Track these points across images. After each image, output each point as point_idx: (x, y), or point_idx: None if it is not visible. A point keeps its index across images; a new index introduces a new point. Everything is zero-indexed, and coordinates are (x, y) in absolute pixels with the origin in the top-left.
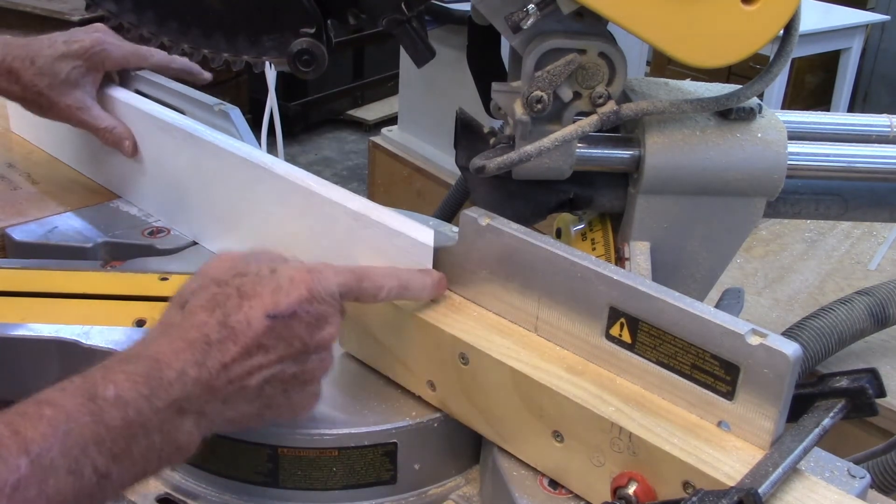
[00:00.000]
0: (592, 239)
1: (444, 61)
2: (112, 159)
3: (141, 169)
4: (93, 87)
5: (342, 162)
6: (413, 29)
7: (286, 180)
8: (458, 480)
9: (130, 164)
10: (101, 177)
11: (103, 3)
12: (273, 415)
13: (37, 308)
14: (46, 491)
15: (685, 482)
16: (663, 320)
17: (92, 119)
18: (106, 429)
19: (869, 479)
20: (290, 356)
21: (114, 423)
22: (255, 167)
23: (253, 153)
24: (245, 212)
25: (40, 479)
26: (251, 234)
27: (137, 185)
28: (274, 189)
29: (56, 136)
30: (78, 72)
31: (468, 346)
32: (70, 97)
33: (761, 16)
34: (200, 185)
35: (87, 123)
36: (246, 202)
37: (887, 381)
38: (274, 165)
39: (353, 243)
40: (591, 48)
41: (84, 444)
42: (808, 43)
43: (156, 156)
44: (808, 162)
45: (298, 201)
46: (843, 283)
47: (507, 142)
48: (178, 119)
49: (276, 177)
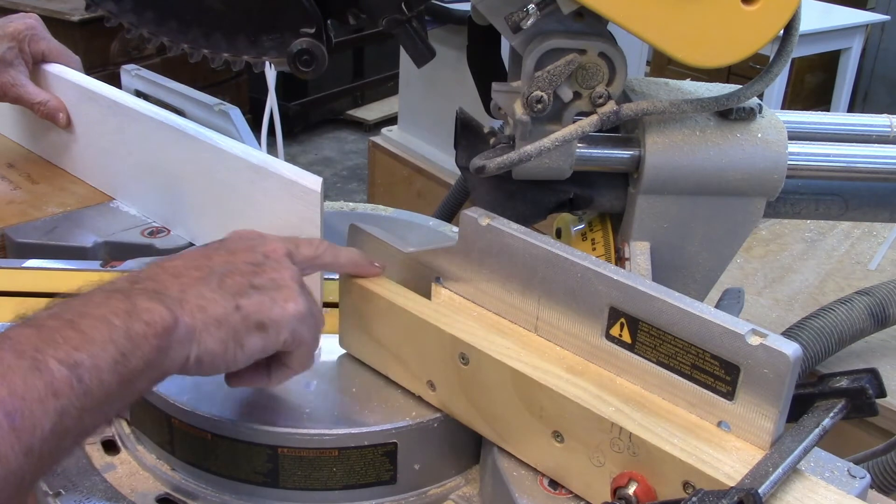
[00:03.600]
0: (592, 239)
1: (444, 61)
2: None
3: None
4: (25, 66)
5: (342, 162)
6: (413, 29)
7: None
8: (458, 480)
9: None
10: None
11: (103, 3)
12: (254, 307)
13: (37, 308)
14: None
15: (685, 482)
16: (663, 320)
17: (27, 94)
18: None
19: (869, 479)
20: (239, 259)
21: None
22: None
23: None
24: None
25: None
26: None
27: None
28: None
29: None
30: (12, 52)
31: (468, 346)
32: (6, 75)
33: (761, 16)
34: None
35: (21, 99)
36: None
37: (887, 381)
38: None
39: (253, 194)
40: (591, 48)
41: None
42: (808, 43)
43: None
44: (808, 162)
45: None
46: (843, 283)
47: (507, 142)
48: (103, 88)
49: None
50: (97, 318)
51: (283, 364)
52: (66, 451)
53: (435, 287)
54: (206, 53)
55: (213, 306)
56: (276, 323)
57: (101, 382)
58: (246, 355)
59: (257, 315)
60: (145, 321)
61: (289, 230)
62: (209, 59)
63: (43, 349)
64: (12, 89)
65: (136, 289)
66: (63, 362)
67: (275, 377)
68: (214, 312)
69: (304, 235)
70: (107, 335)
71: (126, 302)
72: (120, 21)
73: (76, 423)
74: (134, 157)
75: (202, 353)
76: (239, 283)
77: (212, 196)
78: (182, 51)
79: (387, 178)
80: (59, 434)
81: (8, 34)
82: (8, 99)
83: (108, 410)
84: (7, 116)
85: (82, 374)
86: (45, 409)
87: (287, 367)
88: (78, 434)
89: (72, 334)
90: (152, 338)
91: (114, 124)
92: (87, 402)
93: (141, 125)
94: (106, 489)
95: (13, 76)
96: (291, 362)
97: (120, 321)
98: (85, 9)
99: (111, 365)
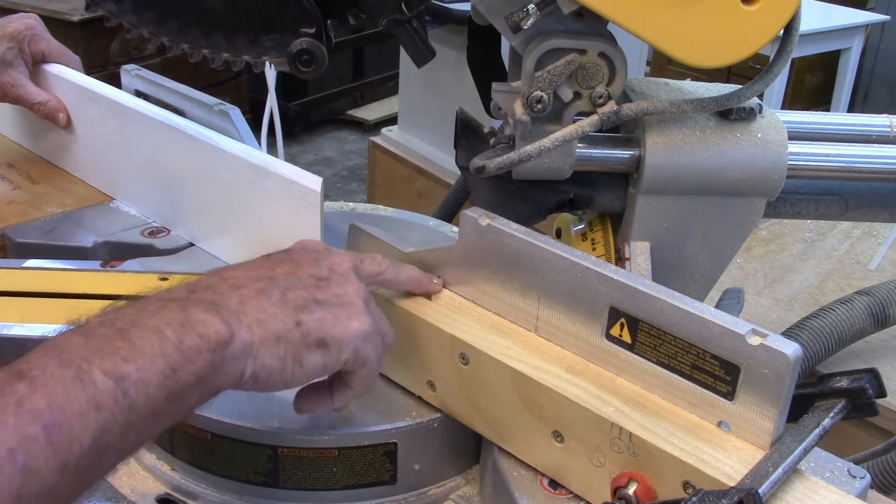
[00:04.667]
0: (592, 239)
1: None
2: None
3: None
4: (25, 67)
5: (342, 162)
6: (413, 29)
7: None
8: (458, 480)
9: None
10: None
11: (103, 3)
12: (315, 324)
13: (37, 308)
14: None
15: (685, 482)
16: (663, 320)
17: (27, 95)
18: (94, 329)
19: (869, 479)
20: (304, 273)
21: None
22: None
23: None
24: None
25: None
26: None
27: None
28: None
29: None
30: (11, 52)
31: (468, 346)
32: (6, 75)
33: (761, 16)
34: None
35: (22, 99)
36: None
37: (887, 381)
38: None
39: (254, 194)
40: (592, 48)
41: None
42: (808, 43)
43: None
44: (808, 162)
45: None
46: (843, 283)
47: (507, 142)
48: (103, 88)
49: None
50: (149, 328)
51: (344, 384)
52: (106, 468)
53: None
54: (206, 53)
55: (272, 321)
56: (338, 341)
57: (147, 397)
58: (305, 373)
59: (319, 332)
60: (199, 334)
61: (289, 230)
62: (209, 59)
63: (90, 359)
64: (12, 89)
65: (192, 298)
66: (109, 374)
67: (337, 398)
68: (274, 327)
69: (304, 236)
70: (157, 347)
71: (181, 313)
72: (120, 21)
73: (119, 439)
74: (134, 157)
75: (258, 370)
76: (302, 297)
77: (212, 196)
78: (182, 51)
79: (387, 178)
80: (100, 450)
81: (7, 34)
82: (8, 99)
83: (155, 427)
84: (7, 116)
85: (128, 388)
86: (86, 422)
87: (349, 388)
88: (121, 451)
89: (121, 344)
90: (206, 352)
91: (114, 124)
92: (131, 418)
93: (141, 125)
94: (106, 489)
95: (13, 76)
96: (353, 382)
97: (172, 332)
98: (85, 9)
99: (160, 379)
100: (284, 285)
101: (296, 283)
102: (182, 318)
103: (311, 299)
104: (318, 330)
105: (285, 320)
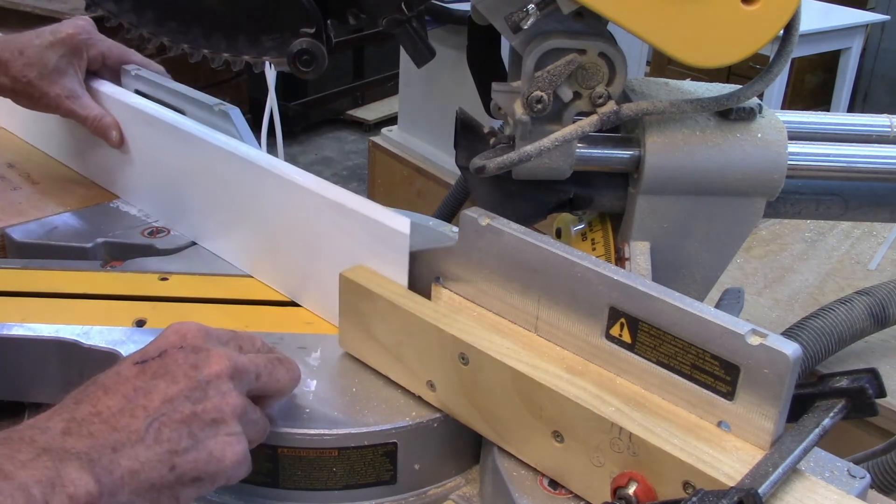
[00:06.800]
0: (592, 239)
1: (444, 61)
2: (102, 155)
3: (124, 162)
4: (79, 74)
5: (342, 162)
6: (413, 29)
7: (264, 169)
8: (458, 480)
9: (118, 160)
10: (91, 171)
11: (103, 3)
12: (190, 465)
13: (37, 308)
14: None
15: (685, 482)
16: (663, 320)
17: (80, 108)
18: None
19: (869, 479)
20: (180, 394)
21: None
22: (236, 159)
23: (239, 147)
24: (227, 203)
25: None
26: (234, 225)
27: (120, 176)
28: (253, 179)
29: (44, 129)
30: (65, 60)
31: (468, 346)
32: (58, 86)
33: (761, 16)
34: (189, 182)
35: (75, 112)
36: (229, 195)
37: (887, 381)
38: (249, 154)
39: (334, 234)
40: (591, 48)
41: None
42: (808, 43)
43: (142, 149)
44: (808, 162)
45: (278, 192)
46: (843, 283)
47: (507, 142)
48: (165, 113)
49: (253, 167)
50: (17, 485)
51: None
52: None
53: (435, 287)
54: (206, 53)
55: (146, 471)
56: (213, 476)
57: None
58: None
59: (193, 472)
60: (69, 495)
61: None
62: (209, 59)
63: None
64: (66, 102)
65: (67, 446)
66: None
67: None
68: (148, 477)
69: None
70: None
71: (53, 468)
72: (120, 21)
73: None
74: (140, 156)
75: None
76: (177, 432)
77: (269, 223)
78: (182, 51)
79: (387, 178)
80: None
81: (59, 41)
82: (60, 112)
83: None
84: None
85: None
86: None
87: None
88: None
89: None
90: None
91: (174, 151)
92: None
93: (207, 156)
94: None
95: (67, 87)
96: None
97: (40, 492)
98: (85, 9)
99: None
100: (160, 419)
101: (171, 411)
102: (53, 476)
103: (186, 433)
104: (192, 471)
105: (160, 469)
